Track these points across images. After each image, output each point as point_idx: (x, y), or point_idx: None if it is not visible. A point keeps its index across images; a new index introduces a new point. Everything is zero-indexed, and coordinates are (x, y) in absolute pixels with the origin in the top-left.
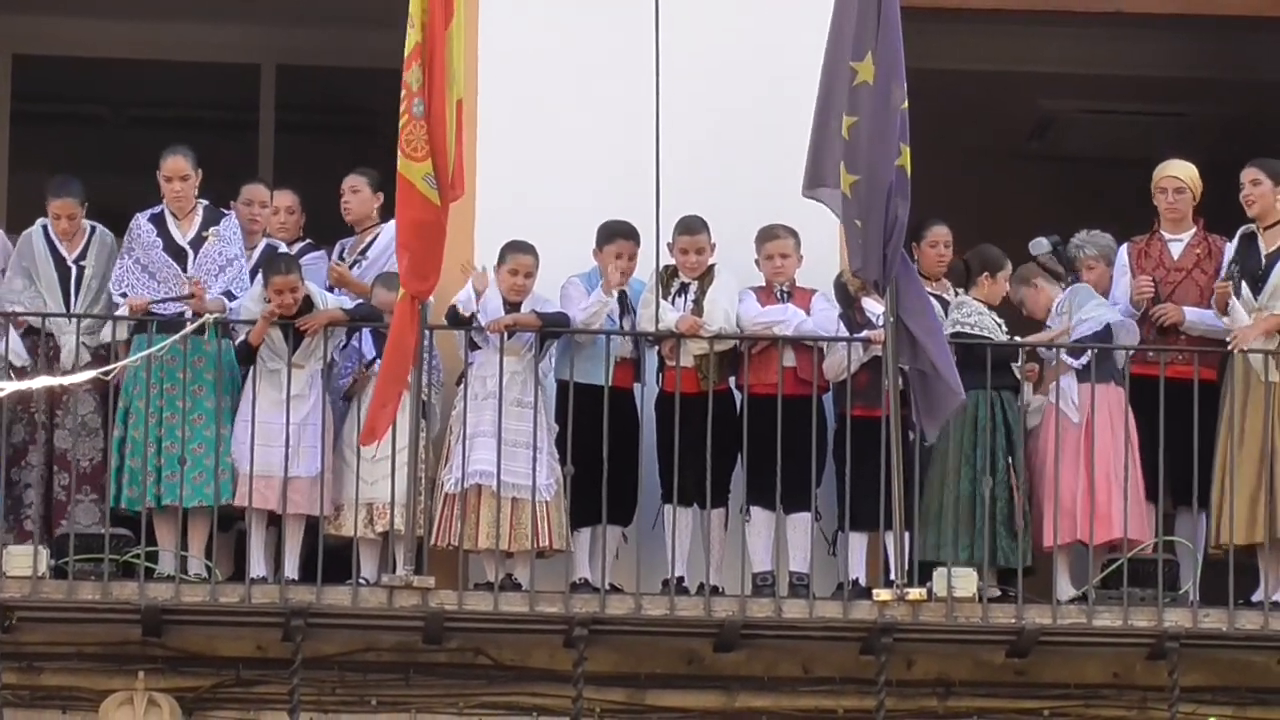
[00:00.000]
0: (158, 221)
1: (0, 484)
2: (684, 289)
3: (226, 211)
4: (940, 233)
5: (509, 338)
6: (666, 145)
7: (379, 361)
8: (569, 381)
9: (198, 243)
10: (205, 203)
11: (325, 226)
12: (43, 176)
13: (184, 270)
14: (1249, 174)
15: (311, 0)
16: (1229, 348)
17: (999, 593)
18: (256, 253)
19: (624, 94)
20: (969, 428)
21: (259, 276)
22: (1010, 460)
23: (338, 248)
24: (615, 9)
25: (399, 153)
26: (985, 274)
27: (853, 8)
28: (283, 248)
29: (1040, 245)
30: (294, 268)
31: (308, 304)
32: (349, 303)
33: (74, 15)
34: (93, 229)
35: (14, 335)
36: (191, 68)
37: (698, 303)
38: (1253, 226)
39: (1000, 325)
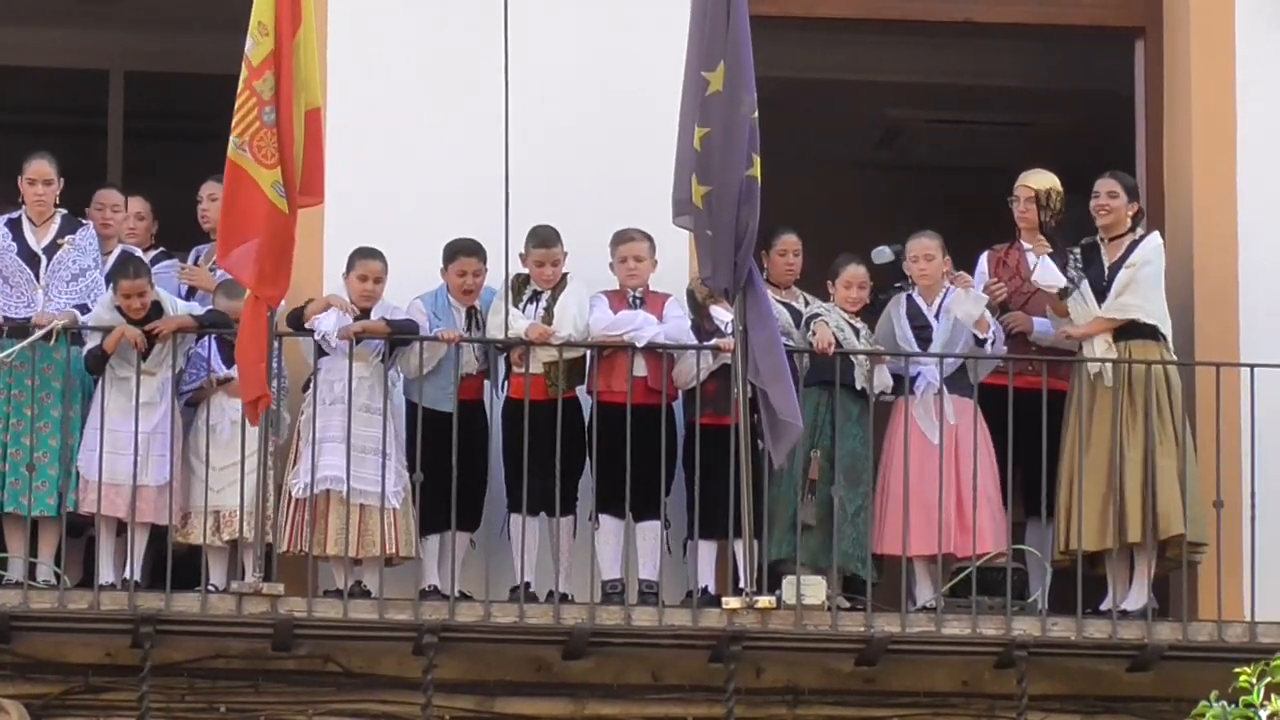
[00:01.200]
0: (13, 226)
1: None
2: (535, 297)
3: (85, 222)
4: (790, 241)
5: (357, 344)
6: (516, 152)
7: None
8: (418, 404)
9: (52, 249)
10: (64, 211)
11: (177, 233)
12: None
13: (36, 277)
14: (1106, 185)
15: (159, 6)
16: (1066, 338)
17: (848, 602)
18: (111, 258)
19: (474, 102)
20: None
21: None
22: (816, 453)
23: (193, 254)
24: (464, 17)
25: (244, 158)
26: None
27: (705, 17)
28: (138, 253)
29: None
30: (143, 272)
31: (157, 310)
32: (199, 309)
33: None
34: None
35: None
36: (39, 73)
37: (549, 310)
38: (1096, 237)
39: (860, 331)
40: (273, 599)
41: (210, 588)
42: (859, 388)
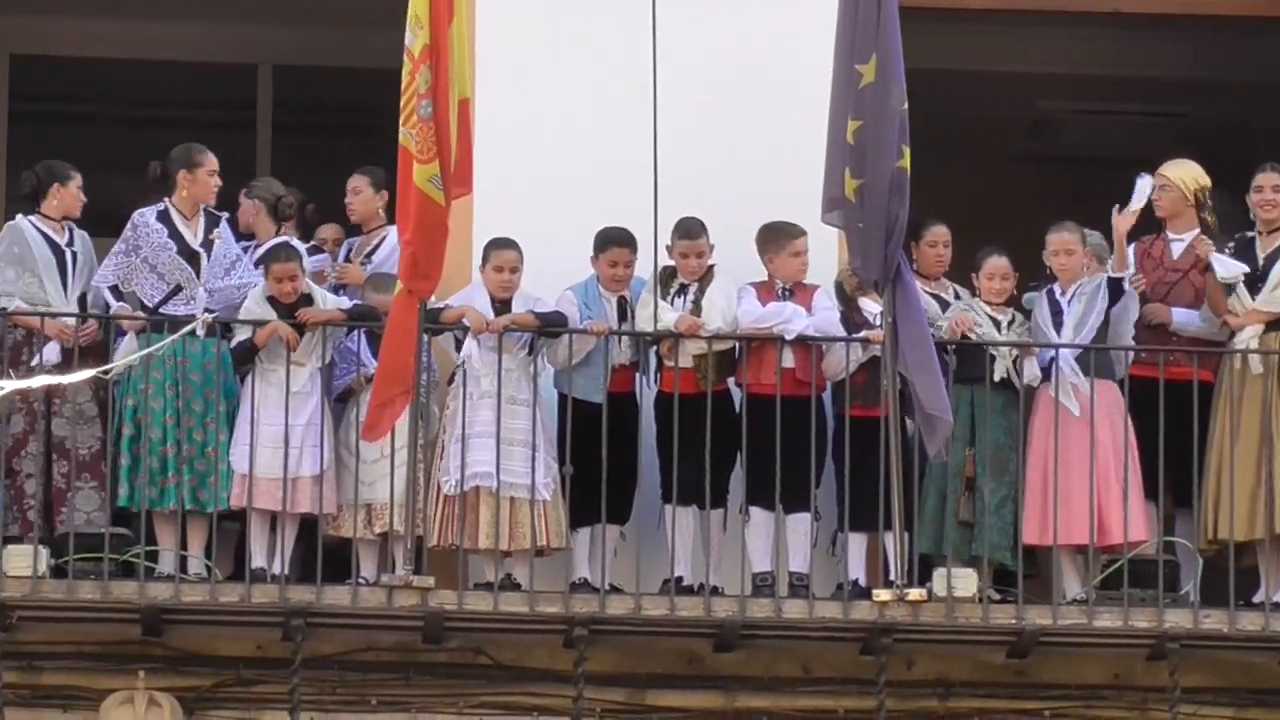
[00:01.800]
0: (165, 221)
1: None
2: (683, 290)
3: (222, 215)
4: (939, 232)
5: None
6: (664, 144)
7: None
8: (568, 395)
9: (208, 245)
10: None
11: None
12: None
13: (197, 273)
14: (1270, 179)
15: (308, 1)
16: (1229, 330)
17: (998, 594)
18: (265, 248)
19: (623, 94)
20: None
21: (261, 283)
22: (971, 450)
23: (344, 247)
24: (614, 10)
25: (410, 155)
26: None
27: (856, 9)
28: (293, 242)
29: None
30: (294, 257)
31: (306, 301)
32: (348, 303)
33: (72, 15)
34: (70, 227)
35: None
36: (189, 68)
37: (696, 303)
38: (1252, 232)
39: (1001, 322)
40: (423, 592)
41: (361, 581)
42: (997, 379)
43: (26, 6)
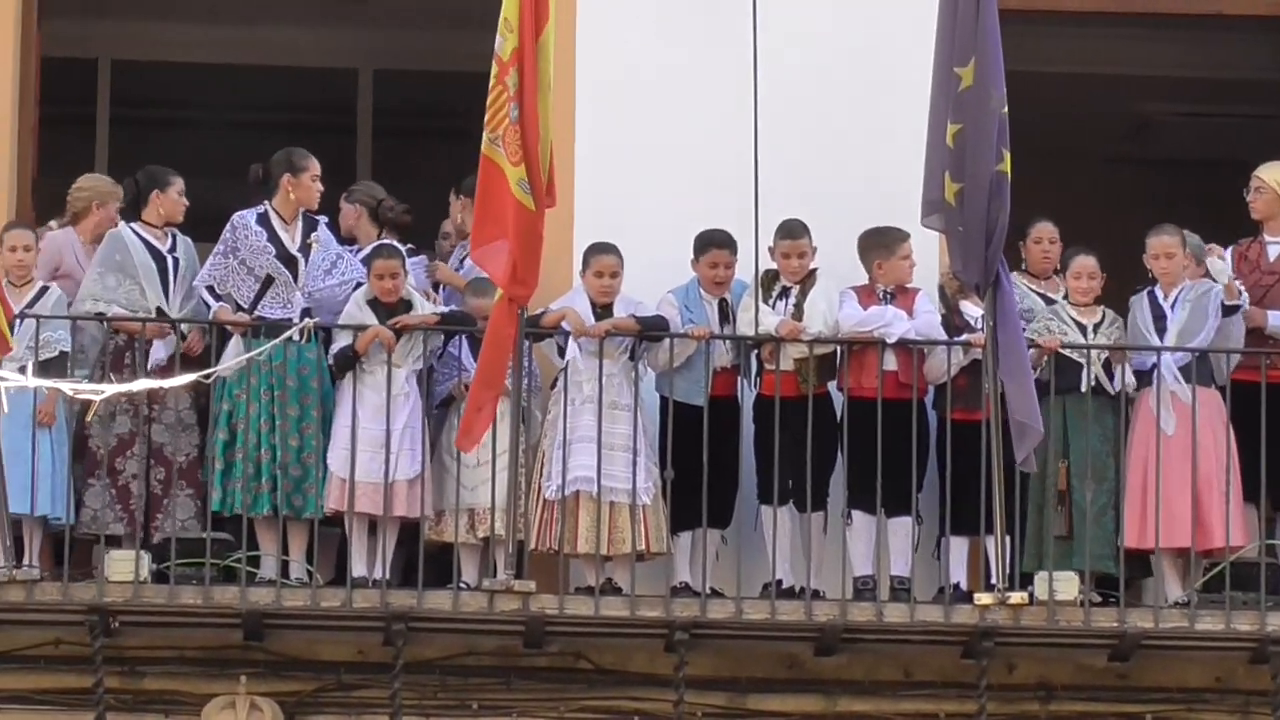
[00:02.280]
0: (264, 224)
1: (104, 474)
2: (784, 293)
3: (320, 217)
4: (1045, 229)
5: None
6: (765, 148)
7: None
8: (669, 398)
9: (305, 250)
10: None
11: (424, 230)
12: None
13: (295, 278)
14: None
15: (408, 5)
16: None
17: (1100, 597)
18: (369, 249)
19: (723, 98)
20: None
21: (361, 288)
22: (1064, 463)
23: (456, 252)
24: (714, 14)
25: (494, 164)
26: None
27: (955, 13)
28: (394, 244)
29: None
30: (395, 255)
31: (405, 305)
32: (445, 307)
33: (171, 20)
34: (173, 233)
35: (160, 345)
36: (289, 72)
37: (798, 306)
38: None
39: (1087, 326)
40: (524, 596)
41: (462, 585)
42: (1085, 389)
43: (128, 12)
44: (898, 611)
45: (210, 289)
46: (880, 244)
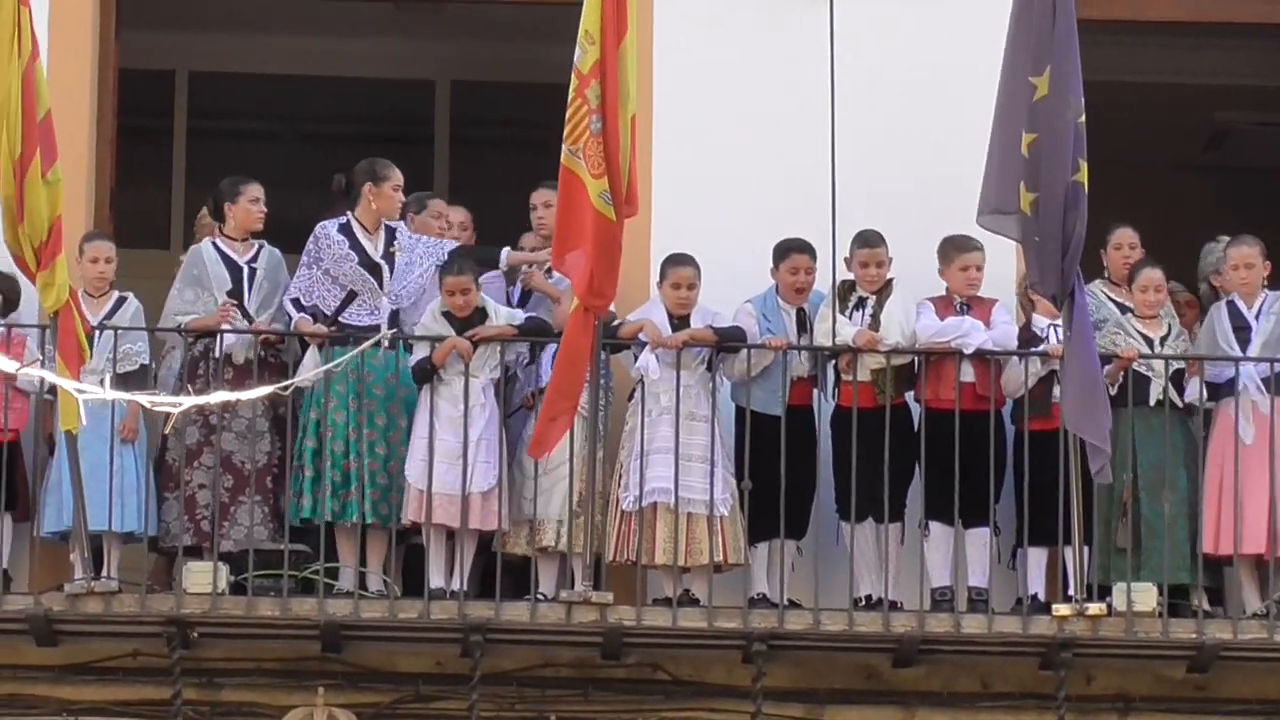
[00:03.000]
0: (347, 233)
1: (177, 486)
2: (861, 303)
3: (399, 223)
4: (1125, 235)
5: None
6: (840, 158)
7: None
8: (747, 395)
9: (389, 258)
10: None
11: (498, 242)
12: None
13: (380, 285)
14: None
15: (484, 16)
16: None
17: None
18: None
19: (798, 108)
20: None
21: (436, 300)
22: (1128, 477)
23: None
24: (788, 23)
25: (574, 174)
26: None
27: (1030, 21)
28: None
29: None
30: (467, 269)
31: (481, 315)
32: (520, 316)
33: (248, 32)
34: (260, 244)
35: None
36: (366, 84)
37: (875, 317)
38: None
39: (1154, 339)
40: (602, 608)
41: (539, 596)
42: (1153, 402)
43: (204, 23)
44: (975, 623)
45: (295, 301)
46: (943, 252)
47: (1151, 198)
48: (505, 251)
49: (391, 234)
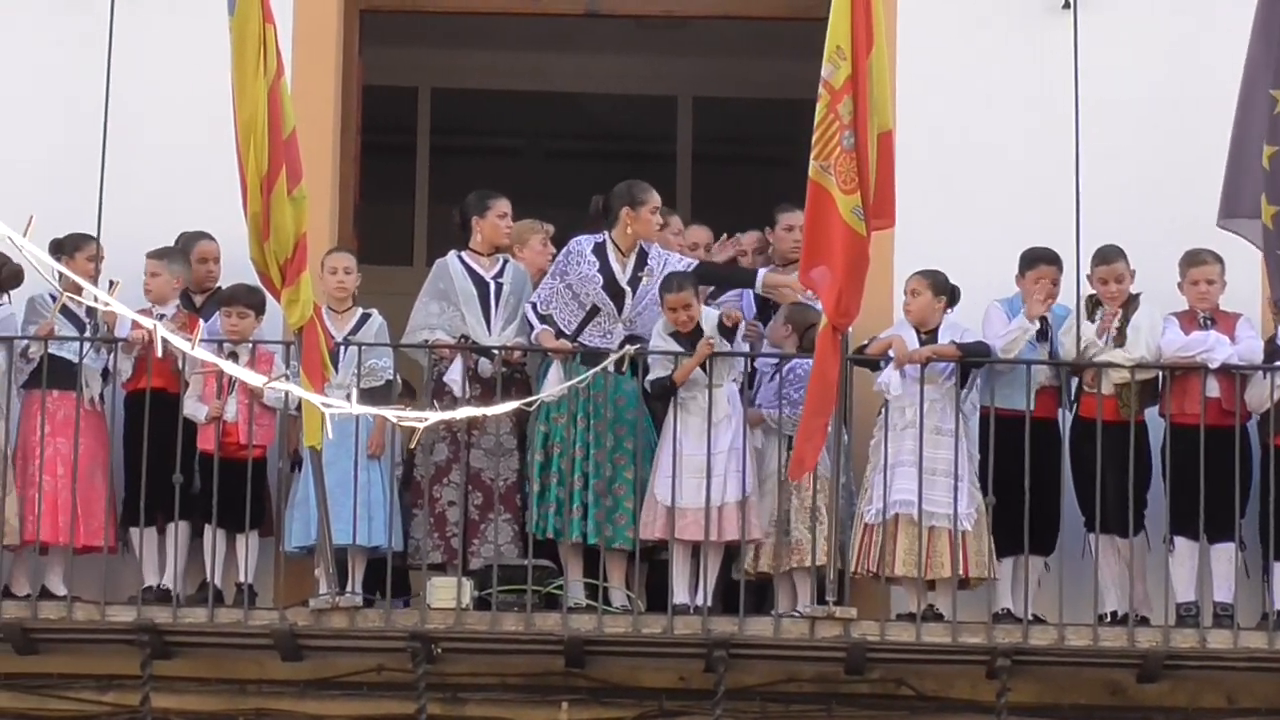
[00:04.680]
0: (599, 254)
1: (425, 503)
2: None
3: (649, 247)
4: None
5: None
6: (1086, 171)
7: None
8: (990, 409)
9: (634, 283)
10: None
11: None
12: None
13: (619, 311)
14: None
15: (727, 33)
16: None
17: None
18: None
19: (1041, 120)
20: None
21: (661, 319)
22: None
23: (759, 274)
24: (1031, 35)
25: (824, 190)
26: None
27: (1271, 34)
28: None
29: None
30: (686, 285)
31: (699, 330)
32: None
33: (490, 49)
34: (505, 259)
35: (457, 365)
36: (608, 100)
37: (1120, 331)
38: None
39: None
40: (845, 623)
41: (795, 613)
42: None
43: (447, 41)
44: (1221, 638)
45: (533, 306)
46: (1180, 267)
47: None
48: (762, 272)
49: (644, 256)
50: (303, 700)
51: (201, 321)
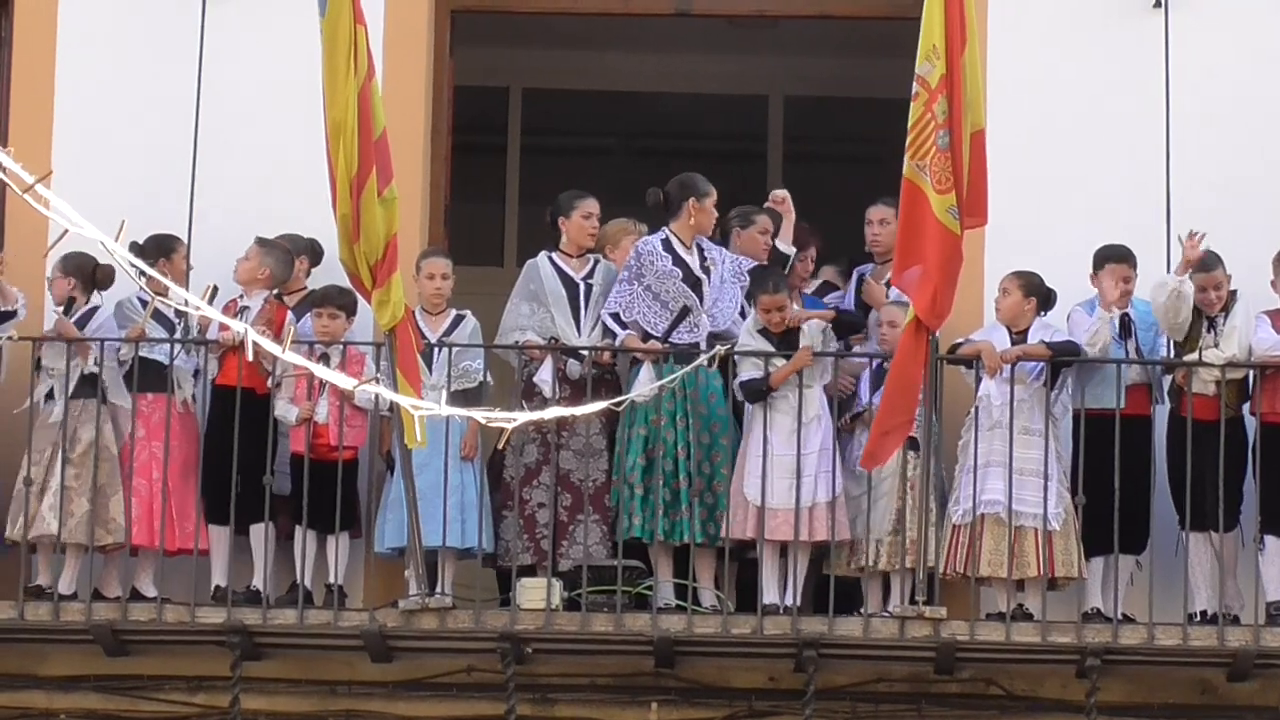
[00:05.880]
0: (668, 249)
1: (515, 505)
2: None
3: (701, 239)
4: None
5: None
6: (1179, 171)
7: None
8: (1080, 409)
9: (706, 272)
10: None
11: (836, 256)
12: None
13: (700, 300)
14: None
15: (819, 31)
16: None
17: None
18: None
19: (1132, 118)
20: None
21: (750, 317)
22: None
23: (855, 274)
24: (1123, 34)
25: (918, 189)
26: None
27: None
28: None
29: None
30: (781, 286)
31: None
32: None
33: (581, 48)
34: (596, 259)
35: (547, 365)
36: (699, 99)
37: (1217, 330)
38: None
39: None
40: (935, 622)
41: (885, 613)
42: None
43: (538, 41)
44: None
45: (615, 315)
46: (1275, 264)
47: None
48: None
49: (701, 248)
50: (392, 701)
51: (291, 315)
